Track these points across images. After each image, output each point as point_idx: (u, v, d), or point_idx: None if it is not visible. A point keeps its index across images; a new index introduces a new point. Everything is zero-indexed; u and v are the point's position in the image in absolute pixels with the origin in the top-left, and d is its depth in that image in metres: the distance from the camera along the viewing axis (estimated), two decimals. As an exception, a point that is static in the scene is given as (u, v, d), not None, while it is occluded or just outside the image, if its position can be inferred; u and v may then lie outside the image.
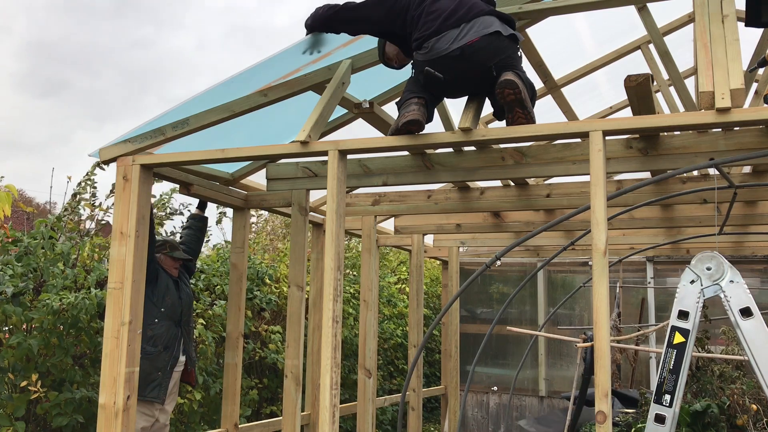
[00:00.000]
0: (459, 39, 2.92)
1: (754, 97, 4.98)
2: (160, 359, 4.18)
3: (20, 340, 4.15)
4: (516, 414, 8.44)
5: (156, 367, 4.16)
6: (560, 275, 8.77)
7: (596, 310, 2.60)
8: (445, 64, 2.95)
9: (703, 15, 2.91)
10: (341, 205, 3.18)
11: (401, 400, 3.19)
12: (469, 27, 2.95)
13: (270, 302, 6.50)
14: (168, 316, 4.28)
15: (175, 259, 4.48)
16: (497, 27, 2.95)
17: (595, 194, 2.68)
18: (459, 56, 2.92)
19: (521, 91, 2.88)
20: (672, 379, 2.45)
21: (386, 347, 9.01)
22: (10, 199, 3.46)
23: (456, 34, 2.94)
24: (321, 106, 3.28)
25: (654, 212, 5.35)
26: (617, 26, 4.80)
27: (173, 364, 4.29)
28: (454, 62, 2.94)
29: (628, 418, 4.79)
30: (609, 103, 5.78)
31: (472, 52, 2.91)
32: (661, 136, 3.44)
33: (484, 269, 3.16)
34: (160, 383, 4.17)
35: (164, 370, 4.21)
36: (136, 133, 3.55)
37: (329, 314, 3.07)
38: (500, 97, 2.93)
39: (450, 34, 2.95)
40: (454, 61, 2.94)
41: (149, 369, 4.11)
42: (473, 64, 2.95)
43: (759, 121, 2.66)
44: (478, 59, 2.93)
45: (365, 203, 5.27)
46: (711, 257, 2.48)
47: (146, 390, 4.09)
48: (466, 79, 3.06)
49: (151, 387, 4.12)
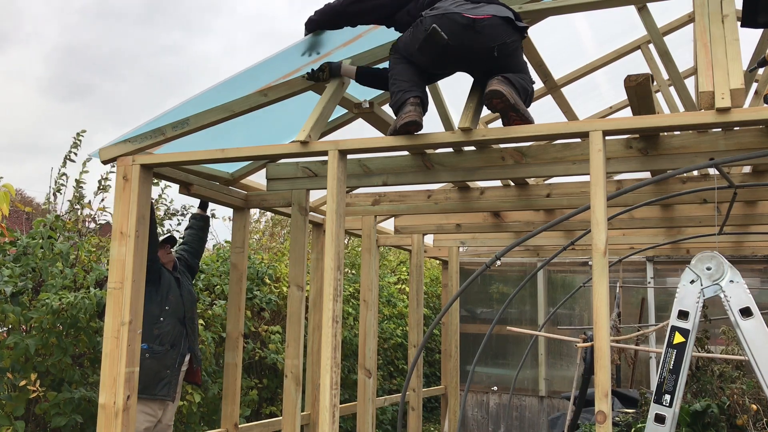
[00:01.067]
0: (475, 10, 2.94)
1: (754, 97, 4.98)
2: (168, 357, 4.19)
3: (18, 340, 4.15)
4: (516, 414, 8.44)
5: (165, 365, 4.16)
6: (560, 275, 8.77)
7: (596, 310, 2.60)
8: (453, 30, 2.93)
9: (703, 15, 2.91)
10: (341, 205, 3.18)
11: (401, 400, 3.19)
12: (486, 3, 3.00)
13: (270, 302, 6.50)
14: (172, 313, 4.28)
15: (167, 251, 4.46)
16: (511, 15, 2.98)
17: (595, 194, 2.68)
18: (469, 25, 2.91)
19: (508, 97, 2.88)
20: (672, 379, 2.45)
21: (386, 347, 9.01)
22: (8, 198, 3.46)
23: (472, 6, 2.97)
24: (321, 106, 3.27)
25: (654, 212, 5.35)
26: (617, 26, 4.79)
27: (180, 362, 4.29)
28: (462, 30, 2.93)
29: (628, 418, 4.79)
30: (609, 103, 5.78)
31: (483, 26, 2.91)
32: (661, 136, 3.44)
33: (484, 269, 3.15)
34: (169, 381, 4.17)
35: (172, 368, 4.21)
36: (136, 133, 3.55)
37: (329, 314, 3.07)
38: (490, 107, 2.96)
39: (466, 5, 2.97)
40: (463, 29, 2.93)
41: (158, 367, 4.11)
42: (479, 38, 2.94)
43: (759, 121, 2.66)
44: (486, 34, 2.93)
45: (365, 203, 5.26)
46: (711, 257, 2.48)
47: (156, 388, 4.09)
48: (465, 52, 3.03)
49: (161, 385, 4.12)
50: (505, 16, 2.95)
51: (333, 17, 3.58)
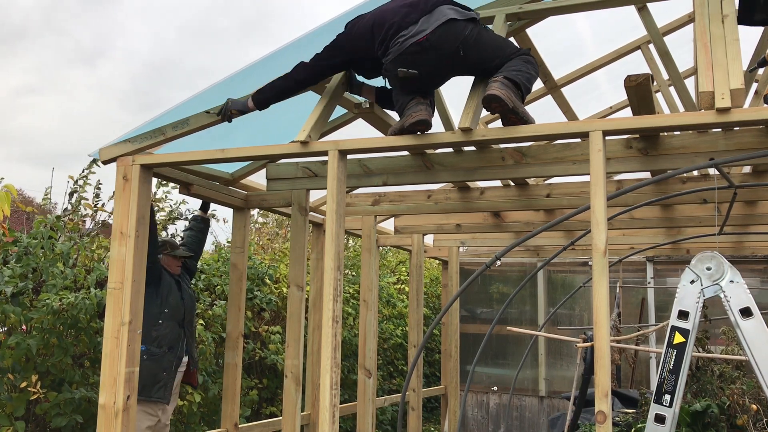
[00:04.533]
0: (420, 30, 2.94)
1: (754, 97, 4.98)
2: (165, 360, 4.18)
3: (19, 341, 4.15)
4: (516, 414, 8.44)
5: (161, 367, 4.16)
6: (560, 275, 8.77)
7: (596, 310, 2.60)
8: (415, 60, 2.96)
9: (703, 15, 2.91)
10: (341, 205, 3.18)
11: (401, 400, 3.19)
12: (428, 12, 2.99)
13: (270, 302, 6.50)
14: (171, 316, 4.28)
15: (176, 257, 4.48)
16: (452, 15, 2.96)
17: (595, 194, 2.68)
18: (423, 48, 2.93)
19: (506, 101, 2.87)
20: (672, 379, 2.45)
21: (386, 347, 9.01)
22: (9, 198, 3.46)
23: (416, 26, 2.96)
24: (321, 106, 3.27)
25: (654, 212, 5.35)
26: (617, 26, 4.79)
27: (177, 365, 4.29)
28: (421, 54, 2.95)
29: (628, 418, 4.79)
30: (609, 103, 5.78)
31: (433, 42, 2.92)
32: (661, 136, 3.44)
33: (484, 269, 3.15)
34: (165, 384, 4.17)
35: (169, 371, 4.21)
36: (136, 133, 3.55)
37: (329, 314, 3.07)
38: (489, 110, 2.95)
39: (412, 28, 2.97)
40: (421, 53, 2.95)
41: (155, 370, 4.11)
42: (440, 51, 2.96)
43: (759, 121, 2.66)
44: (442, 45, 2.94)
45: (365, 203, 5.26)
46: (711, 257, 2.48)
47: (152, 391, 4.09)
48: (439, 67, 3.07)
49: (157, 388, 4.12)
50: (446, 20, 2.93)
51: (279, 94, 3.28)
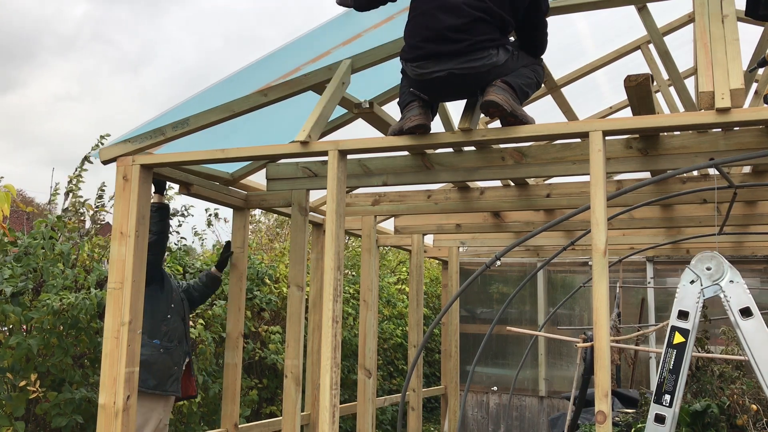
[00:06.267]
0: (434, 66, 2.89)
1: (754, 97, 4.98)
2: (176, 353, 4.20)
3: (20, 341, 4.15)
4: (516, 414, 8.44)
5: (174, 361, 4.17)
6: (560, 275, 8.77)
7: (596, 310, 2.60)
8: (427, 87, 2.98)
9: (703, 15, 2.91)
10: (341, 205, 3.18)
11: (401, 400, 3.19)
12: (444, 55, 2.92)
13: (270, 302, 6.50)
14: (177, 311, 4.30)
15: None
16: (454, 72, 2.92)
17: (595, 194, 2.68)
18: (443, 79, 2.91)
19: (504, 106, 2.86)
20: (672, 379, 2.45)
21: (386, 347, 9.01)
22: (9, 198, 3.46)
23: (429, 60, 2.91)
24: (321, 106, 3.27)
25: (654, 212, 5.35)
26: (617, 26, 4.79)
27: (184, 359, 4.32)
28: (434, 84, 2.96)
29: (628, 418, 4.79)
30: (609, 103, 5.78)
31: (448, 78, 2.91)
32: (661, 136, 3.44)
33: (484, 269, 3.15)
34: (177, 377, 4.19)
35: (179, 365, 4.23)
36: (136, 133, 3.55)
37: (329, 314, 3.07)
38: (488, 115, 2.95)
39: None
40: (436, 84, 2.95)
41: (169, 363, 4.11)
42: (454, 84, 2.95)
43: (759, 121, 2.66)
44: (465, 82, 2.94)
45: (365, 203, 5.26)
46: (711, 257, 2.48)
47: (167, 384, 4.09)
48: (453, 93, 3.11)
49: (171, 381, 4.13)
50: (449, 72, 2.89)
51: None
